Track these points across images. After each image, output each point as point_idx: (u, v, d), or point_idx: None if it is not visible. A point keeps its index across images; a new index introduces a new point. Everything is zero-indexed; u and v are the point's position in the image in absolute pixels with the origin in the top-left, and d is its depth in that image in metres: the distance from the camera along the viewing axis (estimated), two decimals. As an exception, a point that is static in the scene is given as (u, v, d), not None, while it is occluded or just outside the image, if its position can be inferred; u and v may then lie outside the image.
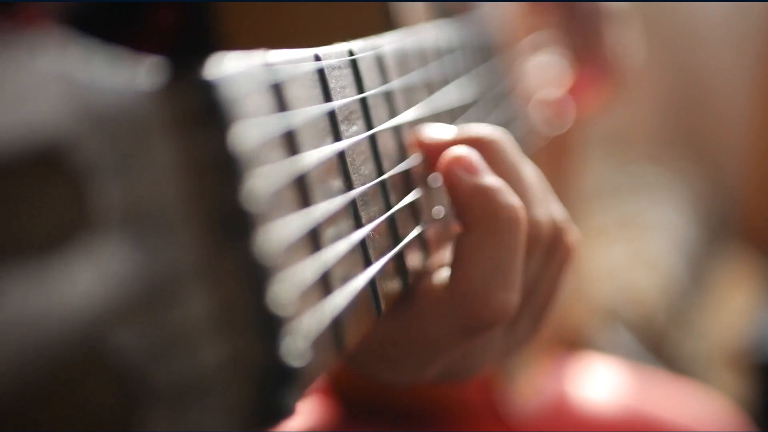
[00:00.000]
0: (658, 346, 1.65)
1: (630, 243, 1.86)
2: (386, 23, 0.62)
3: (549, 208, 0.49)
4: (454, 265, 0.44)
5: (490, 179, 0.44)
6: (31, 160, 0.22)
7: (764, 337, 1.71)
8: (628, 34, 1.03)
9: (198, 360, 0.26)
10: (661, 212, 1.99)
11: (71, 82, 0.23)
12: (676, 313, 1.75)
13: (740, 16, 2.18)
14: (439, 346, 0.45)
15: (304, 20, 0.66)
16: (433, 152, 0.46)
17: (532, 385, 0.92)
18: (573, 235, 0.50)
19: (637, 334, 1.63)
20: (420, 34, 0.55)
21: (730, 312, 1.95)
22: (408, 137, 0.46)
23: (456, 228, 0.46)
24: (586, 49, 1.00)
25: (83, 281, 0.23)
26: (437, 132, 0.48)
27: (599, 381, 1.04)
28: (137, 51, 0.70)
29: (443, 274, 0.45)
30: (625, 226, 1.93)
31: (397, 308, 0.44)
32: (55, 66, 0.23)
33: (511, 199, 0.44)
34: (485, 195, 0.43)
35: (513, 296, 0.44)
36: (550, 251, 0.49)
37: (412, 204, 0.45)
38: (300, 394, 0.29)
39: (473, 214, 0.44)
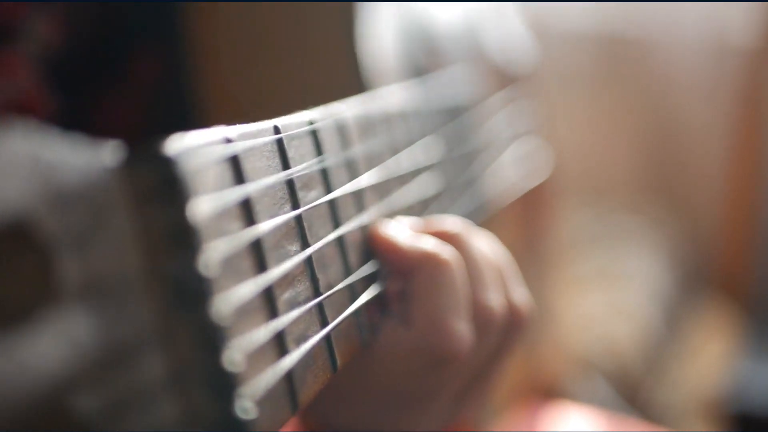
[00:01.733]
0: (633, 395, 1.66)
1: (606, 292, 1.88)
2: (358, 83, 0.65)
3: (508, 294, 0.53)
4: (410, 307, 0.48)
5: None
6: (1, 236, 0.24)
7: (739, 387, 1.73)
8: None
9: (155, 419, 0.28)
10: (637, 262, 2.01)
11: (38, 161, 0.25)
12: (651, 362, 1.76)
13: (715, 68, 2.22)
14: (399, 387, 0.48)
15: (280, 78, 0.69)
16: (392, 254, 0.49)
17: (505, 432, 0.93)
18: (530, 319, 0.54)
19: (612, 383, 1.64)
20: (385, 98, 0.57)
21: (705, 362, 1.97)
22: (369, 232, 0.49)
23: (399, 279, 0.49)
24: None
25: (48, 349, 0.25)
26: (397, 232, 0.50)
27: (573, 429, 1.05)
28: (118, 103, 0.72)
29: (401, 320, 0.48)
30: (601, 276, 1.95)
31: (356, 355, 0.46)
32: (24, 146, 0.25)
33: (435, 247, 0.49)
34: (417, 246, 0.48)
35: (467, 326, 0.48)
36: (506, 333, 0.53)
37: (370, 264, 0.47)
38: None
39: (414, 261, 0.48)
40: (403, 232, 0.49)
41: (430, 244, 0.49)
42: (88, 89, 0.72)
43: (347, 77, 0.67)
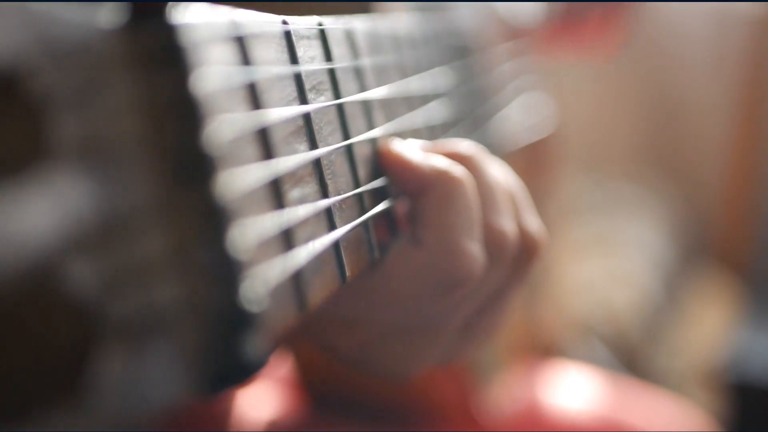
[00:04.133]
0: (631, 361, 1.65)
1: (606, 259, 1.87)
2: (363, 9, 0.63)
3: (521, 221, 0.51)
4: (421, 227, 0.46)
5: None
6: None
7: (737, 356, 1.72)
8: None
9: (153, 298, 0.26)
10: (637, 229, 2.00)
11: (30, 11, 0.23)
12: (650, 329, 1.75)
13: (719, 37, 2.20)
14: (407, 310, 0.47)
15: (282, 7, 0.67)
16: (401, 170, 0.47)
17: (505, 389, 0.92)
18: (543, 247, 0.52)
19: (611, 348, 1.63)
20: (395, 21, 0.55)
21: (703, 330, 1.96)
22: (380, 148, 0.47)
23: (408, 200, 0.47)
24: None
25: (39, 211, 0.23)
26: (408, 149, 0.48)
27: (573, 388, 1.04)
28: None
29: (411, 239, 0.46)
30: (601, 243, 1.94)
31: (362, 274, 0.44)
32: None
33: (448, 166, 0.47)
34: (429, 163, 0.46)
35: (479, 247, 0.46)
36: (518, 261, 0.51)
37: (380, 180, 0.45)
38: (261, 346, 0.29)
39: (426, 179, 0.46)
40: (415, 149, 0.48)
41: (443, 163, 0.47)
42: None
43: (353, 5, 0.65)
